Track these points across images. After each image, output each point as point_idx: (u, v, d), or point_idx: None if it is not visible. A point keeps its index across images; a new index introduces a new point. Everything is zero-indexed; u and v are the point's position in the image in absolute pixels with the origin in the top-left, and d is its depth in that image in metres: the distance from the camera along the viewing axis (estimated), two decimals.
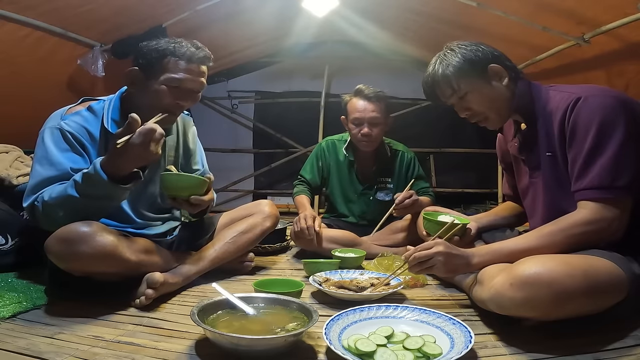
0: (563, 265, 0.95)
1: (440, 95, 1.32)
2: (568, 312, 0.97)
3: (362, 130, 2.01)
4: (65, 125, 1.28)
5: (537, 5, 2.23)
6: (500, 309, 1.03)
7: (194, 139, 1.72)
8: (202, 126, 4.42)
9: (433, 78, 1.30)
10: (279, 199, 4.32)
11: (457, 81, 1.25)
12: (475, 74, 1.23)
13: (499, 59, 1.25)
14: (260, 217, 1.65)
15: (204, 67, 1.38)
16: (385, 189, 2.17)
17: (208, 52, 1.38)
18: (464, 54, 1.24)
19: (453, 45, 1.28)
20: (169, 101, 1.33)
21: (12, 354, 0.92)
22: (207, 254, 1.49)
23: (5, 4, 1.92)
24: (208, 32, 3.03)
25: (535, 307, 0.94)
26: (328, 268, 1.58)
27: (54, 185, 1.21)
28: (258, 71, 4.40)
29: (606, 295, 0.99)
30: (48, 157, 1.24)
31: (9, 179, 1.83)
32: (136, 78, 1.35)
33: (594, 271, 0.97)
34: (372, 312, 1.10)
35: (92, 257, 1.12)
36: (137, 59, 1.35)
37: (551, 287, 0.92)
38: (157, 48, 1.32)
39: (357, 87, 2.07)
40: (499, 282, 1.00)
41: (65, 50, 2.42)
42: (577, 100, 1.09)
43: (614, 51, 2.20)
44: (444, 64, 1.26)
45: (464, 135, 4.10)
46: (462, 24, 2.78)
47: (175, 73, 1.32)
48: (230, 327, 0.99)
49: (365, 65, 4.20)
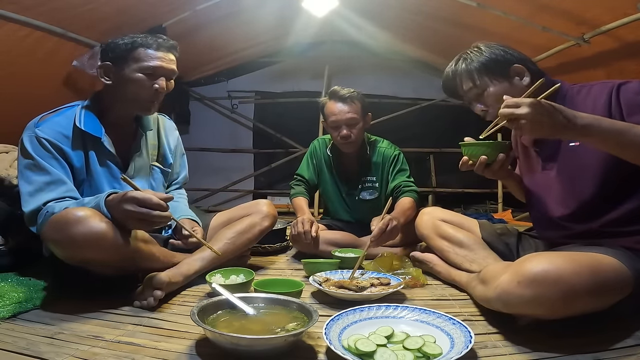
0: (570, 263, 0.95)
1: (459, 88, 1.33)
2: (575, 310, 0.96)
3: (341, 133, 1.98)
4: (40, 133, 1.32)
5: (537, 6, 2.23)
6: (507, 308, 1.02)
7: (178, 145, 1.75)
8: (202, 126, 4.48)
9: (455, 70, 1.32)
10: (279, 199, 4.33)
11: (479, 76, 1.27)
12: (497, 71, 1.26)
13: (524, 61, 1.27)
14: (259, 216, 1.65)
15: (172, 55, 1.45)
16: (370, 188, 2.14)
17: (175, 42, 1.47)
18: (490, 52, 1.27)
19: (480, 44, 1.31)
20: (145, 87, 1.39)
21: (12, 354, 0.92)
22: (207, 254, 1.49)
23: (5, 4, 1.92)
24: (208, 32, 3.04)
25: (543, 304, 0.94)
26: (328, 268, 1.58)
27: (66, 201, 1.26)
28: (258, 71, 4.41)
29: (612, 292, 0.99)
30: (36, 164, 1.30)
31: (9, 179, 1.83)
32: (109, 71, 1.40)
33: (601, 269, 0.98)
34: (372, 312, 1.10)
35: (87, 239, 1.11)
36: (106, 55, 1.41)
37: (559, 285, 0.92)
38: (125, 42, 1.39)
39: (331, 89, 2.04)
40: (505, 281, 1.00)
41: (65, 50, 2.42)
42: (619, 86, 1.11)
43: (613, 51, 2.21)
44: (469, 59, 1.29)
45: (464, 135, 4.10)
46: (462, 24, 2.78)
47: (147, 61, 1.39)
48: (230, 327, 0.99)
49: (365, 65, 4.20)
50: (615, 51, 2.20)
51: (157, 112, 1.63)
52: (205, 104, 4.43)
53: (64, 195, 1.29)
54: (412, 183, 2.10)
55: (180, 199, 1.72)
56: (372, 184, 2.14)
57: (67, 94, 2.66)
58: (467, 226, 1.61)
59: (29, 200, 1.27)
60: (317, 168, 2.22)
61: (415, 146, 4.18)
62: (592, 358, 0.93)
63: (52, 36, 2.27)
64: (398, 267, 1.64)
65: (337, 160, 2.15)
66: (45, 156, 1.31)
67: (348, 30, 3.50)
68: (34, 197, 1.27)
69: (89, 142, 1.39)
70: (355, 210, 2.19)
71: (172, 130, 1.73)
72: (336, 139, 2.04)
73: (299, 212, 2.04)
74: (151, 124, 1.59)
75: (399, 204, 1.96)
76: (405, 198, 2.00)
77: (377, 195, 2.14)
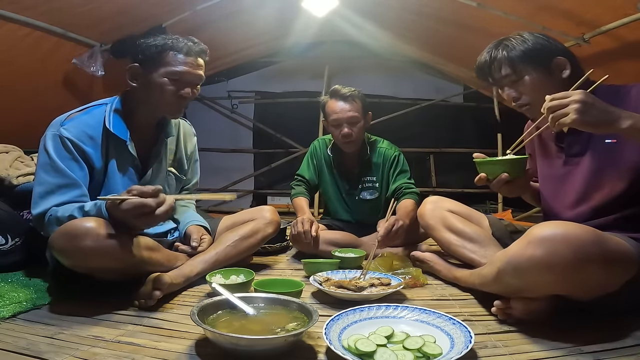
0: (579, 228, 0.96)
1: (495, 73, 1.28)
2: (584, 279, 0.96)
3: (342, 131, 1.98)
4: (64, 132, 1.29)
5: (537, 6, 2.23)
6: (516, 274, 1.01)
7: (194, 151, 1.74)
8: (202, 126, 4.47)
9: (494, 56, 1.26)
10: (279, 199, 4.33)
11: (520, 63, 1.22)
12: (539, 61, 1.22)
13: (567, 54, 1.23)
14: (262, 222, 1.65)
15: (201, 60, 1.43)
16: (370, 189, 2.14)
17: (205, 46, 1.44)
18: (535, 42, 1.23)
19: (522, 32, 1.26)
20: (171, 93, 1.37)
21: (12, 354, 0.92)
22: (208, 257, 1.50)
23: (5, 4, 1.92)
24: (208, 32, 3.03)
25: (555, 266, 0.93)
26: (328, 268, 1.58)
27: (68, 205, 1.24)
28: (258, 71, 4.41)
29: (619, 266, 0.98)
30: (52, 165, 1.27)
31: (9, 179, 1.83)
32: (137, 73, 1.39)
33: (608, 239, 0.98)
34: (372, 312, 1.10)
35: (96, 252, 1.12)
36: (135, 56, 1.39)
37: (570, 243, 0.92)
38: (156, 44, 1.36)
39: (332, 87, 2.04)
40: (515, 246, 1.00)
41: (65, 50, 2.42)
42: None
43: (613, 50, 2.20)
44: (510, 46, 1.24)
45: (464, 135, 4.11)
46: (462, 24, 2.78)
47: (175, 66, 1.36)
48: (230, 327, 0.99)
49: (365, 65, 4.20)
50: (615, 50, 2.20)
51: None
52: (205, 104, 4.44)
53: (74, 200, 1.27)
54: (413, 185, 2.10)
55: (189, 203, 1.73)
56: (373, 184, 2.14)
57: (67, 94, 2.67)
58: (475, 219, 1.56)
59: (38, 202, 1.26)
60: (317, 168, 2.21)
61: (415, 146, 4.18)
62: (592, 358, 0.93)
63: (52, 36, 2.27)
64: (398, 267, 1.64)
65: (338, 160, 2.15)
66: (64, 157, 1.28)
67: (348, 31, 3.50)
68: (43, 200, 1.26)
69: (113, 144, 1.38)
70: (355, 210, 2.19)
71: (191, 137, 1.72)
72: (337, 137, 2.04)
73: (299, 212, 2.04)
74: (174, 130, 1.57)
75: (400, 206, 1.96)
76: (407, 200, 2.00)
77: (377, 195, 2.13)
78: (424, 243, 2.01)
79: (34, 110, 2.33)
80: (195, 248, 1.50)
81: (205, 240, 1.54)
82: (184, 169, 1.67)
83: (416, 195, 2.05)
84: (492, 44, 1.29)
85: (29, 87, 2.41)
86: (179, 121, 1.64)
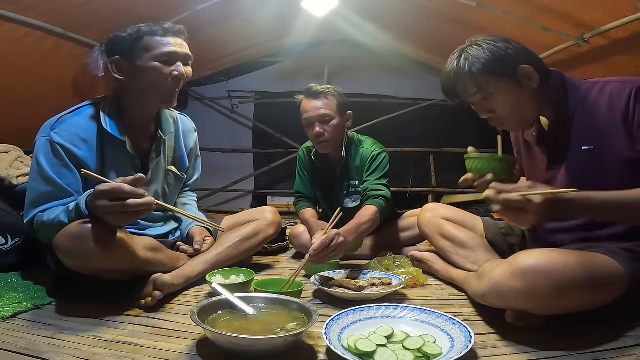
0: (563, 258, 0.96)
1: (462, 93, 1.20)
2: (567, 305, 0.97)
3: (314, 131, 1.82)
4: (55, 137, 1.26)
5: (537, 7, 2.23)
6: (500, 300, 1.03)
7: (195, 147, 1.70)
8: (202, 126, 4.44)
9: (457, 73, 1.17)
10: (279, 199, 4.32)
11: (484, 79, 1.14)
12: (504, 73, 1.13)
13: (530, 58, 1.16)
14: (264, 223, 1.65)
15: (180, 39, 1.37)
16: (353, 194, 1.96)
17: (181, 26, 1.38)
18: (493, 51, 1.13)
19: (479, 40, 1.17)
20: (163, 75, 1.32)
21: (12, 354, 0.92)
22: (209, 257, 1.50)
23: (5, 4, 1.92)
24: (208, 32, 3.03)
25: (536, 297, 0.94)
26: (328, 268, 1.58)
27: (54, 208, 1.23)
28: (258, 71, 4.40)
29: (604, 288, 0.99)
30: (41, 173, 1.25)
31: (9, 179, 1.83)
32: (121, 66, 1.34)
33: (593, 264, 0.98)
34: (372, 312, 1.10)
35: (102, 253, 1.12)
36: (112, 50, 1.34)
37: (550, 276, 0.92)
38: (131, 33, 1.32)
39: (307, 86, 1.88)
40: (499, 273, 1.00)
41: (65, 50, 2.42)
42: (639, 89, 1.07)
43: (613, 50, 2.20)
44: (471, 60, 1.14)
45: (464, 135, 4.11)
46: (462, 24, 2.78)
47: (159, 48, 1.31)
48: (230, 327, 0.99)
49: (365, 66, 4.20)
50: (615, 50, 2.20)
51: (177, 112, 1.60)
52: (205, 104, 4.43)
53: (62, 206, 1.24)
54: (383, 186, 1.84)
55: (191, 201, 1.73)
56: (355, 189, 1.96)
57: (67, 94, 2.67)
58: (470, 224, 1.58)
59: (28, 210, 1.26)
60: (308, 179, 2.07)
61: (416, 146, 4.18)
62: (592, 358, 0.93)
63: (52, 36, 2.27)
64: (398, 267, 1.64)
65: (321, 165, 2.00)
66: (54, 164, 1.25)
67: (348, 31, 3.49)
68: (31, 208, 1.25)
69: (108, 144, 1.34)
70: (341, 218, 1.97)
71: (192, 132, 1.68)
72: (310, 138, 1.89)
73: (309, 229, 1.86)
74: (171, 126, 1.53)
75: (358, 214, 1.72)
76: (368, 207, 1.74)
77: (359, 202, 1.91)
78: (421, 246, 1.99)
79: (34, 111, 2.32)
80: (198, 250, 1.49)
81: (207, 241, 1.54)
82: (185, 166, 1.64)
83: (382, 200, 1.77)
84: (452, 58, 1.19)
85: (29, 87, 2.41)
86: (178, 117, 1.59)
